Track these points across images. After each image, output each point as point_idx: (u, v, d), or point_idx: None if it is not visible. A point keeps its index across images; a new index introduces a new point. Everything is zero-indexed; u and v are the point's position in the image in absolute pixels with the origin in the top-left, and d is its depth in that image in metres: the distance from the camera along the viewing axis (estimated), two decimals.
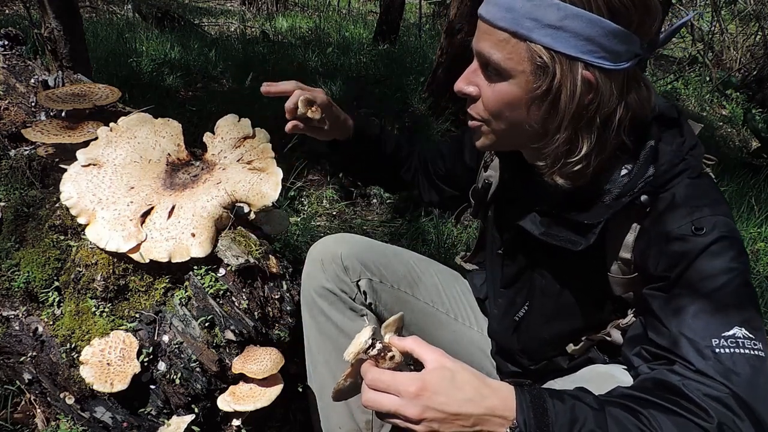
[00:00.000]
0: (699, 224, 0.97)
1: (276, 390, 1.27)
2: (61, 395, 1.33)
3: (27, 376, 1.38)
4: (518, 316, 1.32)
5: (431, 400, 0.84)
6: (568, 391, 0.89)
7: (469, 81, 1.06)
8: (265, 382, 1.28)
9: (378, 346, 0.91)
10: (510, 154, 1.22)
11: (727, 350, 0.89)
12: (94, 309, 1.31)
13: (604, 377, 1.07)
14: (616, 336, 1.16)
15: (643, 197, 1.03)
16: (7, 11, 6.48)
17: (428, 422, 0.84)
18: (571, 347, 1.26)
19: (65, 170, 1.43)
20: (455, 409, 0.84)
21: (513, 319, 1.33)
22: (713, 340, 0.90)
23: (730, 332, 0.90)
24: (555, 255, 1.15)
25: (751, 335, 0.90)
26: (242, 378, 1.29)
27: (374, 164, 1.59)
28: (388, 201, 3.25)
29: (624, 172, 1.07)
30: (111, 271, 1.31)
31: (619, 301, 1.16)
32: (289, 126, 1.40)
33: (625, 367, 1.09)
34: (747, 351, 0.88)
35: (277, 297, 1.40)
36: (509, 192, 1.28)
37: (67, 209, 1.36)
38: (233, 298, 1.32)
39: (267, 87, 1.37)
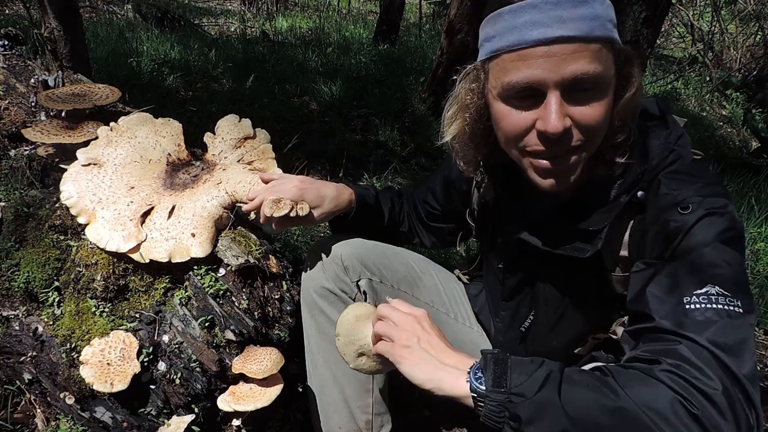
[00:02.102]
0: (684, 204, 0.98)
1: (276, 390, 1.27)
2: (61, 395, 1.33)
3: (27, 376, 1.38)
4: (524, 326, 1.32)
5: (422, 322, 1.02)
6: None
7: (563, 115, 0.95)
8: (265, 382, 1.28)
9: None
10: (502, 169, 1.19)
11: (698, 306, 0.88)
12: (94, 309, 1.31)
13: None
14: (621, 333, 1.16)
15: (640, 194, 1.05)
16: (7, 11, 6.48)
17: (411, 333, 0.99)
18: (578, 349, 1.26)
19: (65, 170, 1.43)
20: (433, 339, 0.99)
21: (519, 330, 1.33)
22: (685, 297, 0.89)
23: (703, 290, 0.89)
24: (556, 263, 1.15)
25: (726, 293, 0.88)
26: (242, 378, 1.29)
27: (378, 229, 1.54)
28: None
29: (618, 173, 1.08)
30: (111, 271, 1.31)
31: (622, 298, 1.16)
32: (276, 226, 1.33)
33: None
34: (720, 306, 0.87)
35: (277, 297, 1.40)
36: (505, 208, 1.28)
37: (67, 209, 1.36)
38: (233, 298, 1.32)
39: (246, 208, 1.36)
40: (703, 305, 0.88)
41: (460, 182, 1.42)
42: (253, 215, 1.35)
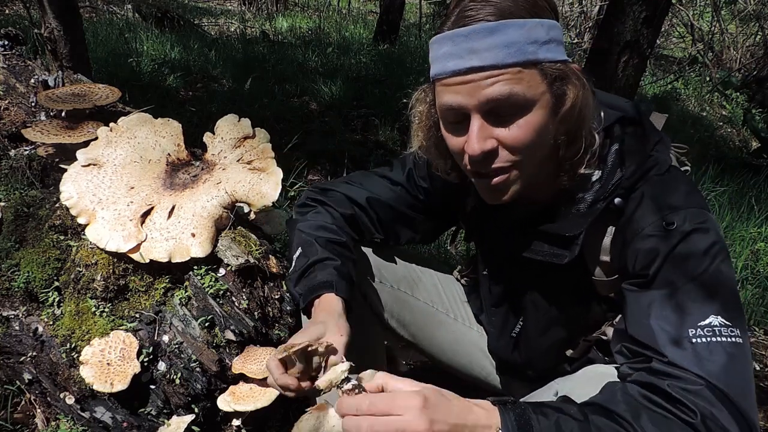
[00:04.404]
0: (670, 219, 0.99)
1: (276, 390, 1.27)
2: (61, 395, 1.33)
3: (27, 376, 1.38)
4: (515, 332, 1.33)
5: (436, 412, 0.82)
6: (551, 403, 0.90)
7: (484, 138, 1.00)
8: (265, 382, 1.27)
9: (353, 381, 0.91)
10: None
11: (703, 339, 0.90)
12: (94, 309, 1.31)
13: (604, 377, 1.07)
14: (611, 334, 1.17)
15: (617, 200, 1.06)
16: (7, 11, 6.48)
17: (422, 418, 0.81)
18: (570, 352, 1.27)
19: (65, 170, 1.43)
20: (454, 419, 0.83)
21: (510, 335, 1.34)
22: (690, 330, 0.91)
23: (706, 321, 0.91)
24: (539, 269, 1.16)
25: (727, 322, 0.91)
26: (242, 378, 1.29)
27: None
28: None
29: (594, 178, 1.08)
30: (111, 271, 1.31)
31: (609, 300, 1.17)
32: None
33: None
34: (724, 339, 0.90)
35: (277, 297, 1.40)
36: (489, 215, 1.28)
37: (67, 209, 1.36)
38: (233, 298, 1.32)
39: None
40: (708, 338, 0.90)
41: (436, 181, 1.36)
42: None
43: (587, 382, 1.03)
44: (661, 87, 7.19)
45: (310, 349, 1.01)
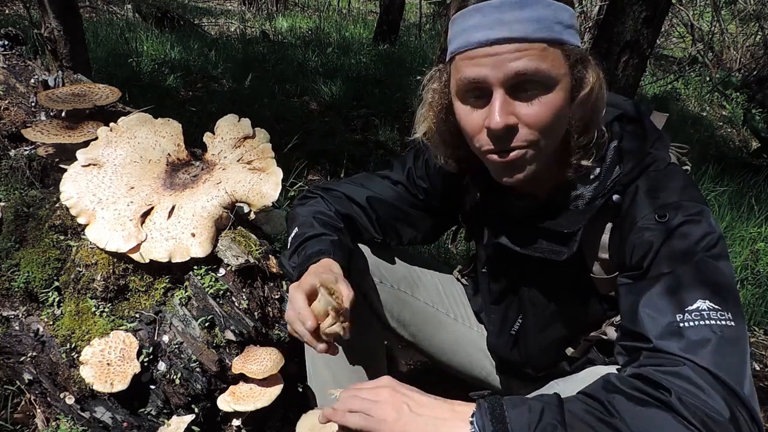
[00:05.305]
0: (662, 212, 0.99)
1: (276, 390, 1.27)
2: (61, 395, 1.33)
3: (27, 376, 1.38)
4: (514, 330, 1.33)
5: (396, 386, 0.91)
6: (529, 396, 0.91)
7: (507, 113, 0.99)
8: (265, 382, 1.28)
9: None
10: (481, 173, 1.19)
11: (692, 324, 0.89)
12: (94, 309, 1.31)
13: None
14: (612, 333, 1.17)
15: (615, 197, 1.06)
16: (7, 11, 6.48)
17: (395, 403, 0.89)
18: (570, 350, 1.27)
19: (65, 170, 1.43)
20: (416, 397, 0.90)
21: (509, 333, 1.34)
22: (677, 315, 0.91)
23: (694, 306, 0.91)
24: (537, 266, 1.16)
25: (717, 306, 0.90)
26: (242, 378, 1.29)
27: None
28: None
29: (593, 175, 1.09)
30: (111, 271, 1.31)
31: (609, 299, 1.17)
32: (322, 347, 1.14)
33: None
34: (713, 321, 0.89)
35: (277, 297, 1.40)
36: (487, 211, 1.28)
37: (67, 209, 1.36)
38: (233, 298, 1.32)
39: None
40: (696, 322, 0.89)
41: (434, 180, 1.38)
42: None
43: (586, 384, 1.03)
44: (661, 87, 7.19)
45: (336, 302, 1.08)
